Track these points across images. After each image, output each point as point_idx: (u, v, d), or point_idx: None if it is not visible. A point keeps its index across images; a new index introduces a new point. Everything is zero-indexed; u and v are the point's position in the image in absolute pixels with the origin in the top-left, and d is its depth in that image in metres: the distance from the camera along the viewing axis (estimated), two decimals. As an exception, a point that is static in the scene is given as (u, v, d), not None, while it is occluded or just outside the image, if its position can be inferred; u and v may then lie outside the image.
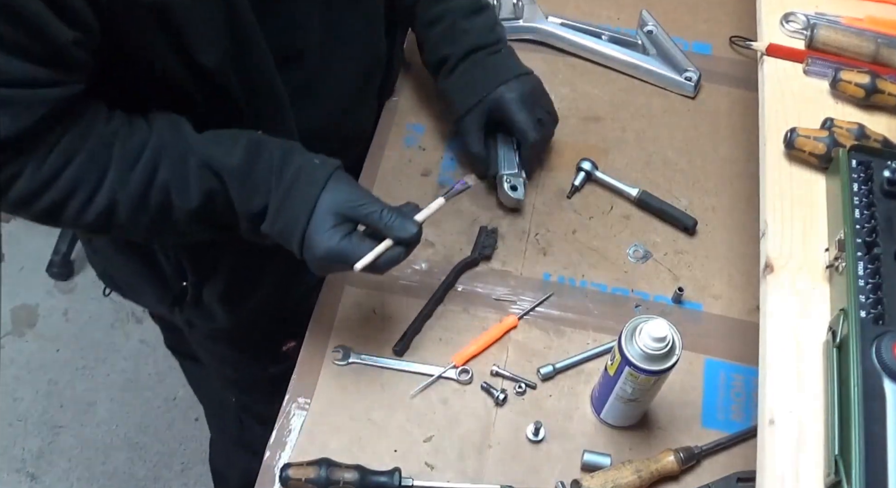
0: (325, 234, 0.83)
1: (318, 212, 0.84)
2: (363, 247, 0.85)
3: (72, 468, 2.03)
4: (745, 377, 1.03)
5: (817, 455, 0.74)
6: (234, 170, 0.83)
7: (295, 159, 0.85)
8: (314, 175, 0.85)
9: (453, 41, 1.12)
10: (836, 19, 1.07)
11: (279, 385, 1.27)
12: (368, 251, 0.85)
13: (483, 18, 1.14)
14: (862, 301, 0.78)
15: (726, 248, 1.14)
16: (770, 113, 0.99)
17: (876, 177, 0.86)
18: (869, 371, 0.74)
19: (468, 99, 1.10)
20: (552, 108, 1.14)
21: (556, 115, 1.15)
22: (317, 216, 0.84)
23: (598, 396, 0.99)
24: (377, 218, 0.85)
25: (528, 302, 1.09)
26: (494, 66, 1.11)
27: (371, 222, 0.85)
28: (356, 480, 0.92)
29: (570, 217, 1.17)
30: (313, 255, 0.85)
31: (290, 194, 0.84)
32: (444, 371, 1.03)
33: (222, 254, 1.04)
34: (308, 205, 0.83)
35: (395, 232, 0.85)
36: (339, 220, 0.84)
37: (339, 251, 0.84)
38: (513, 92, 1.09)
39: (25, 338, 2.21)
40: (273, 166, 0.84)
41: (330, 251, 0.83)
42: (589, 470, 0.96)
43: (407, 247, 0.87)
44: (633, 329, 0.88)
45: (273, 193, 0.84)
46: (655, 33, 1.31)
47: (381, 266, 0.86)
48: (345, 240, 0.84)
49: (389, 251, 0.86)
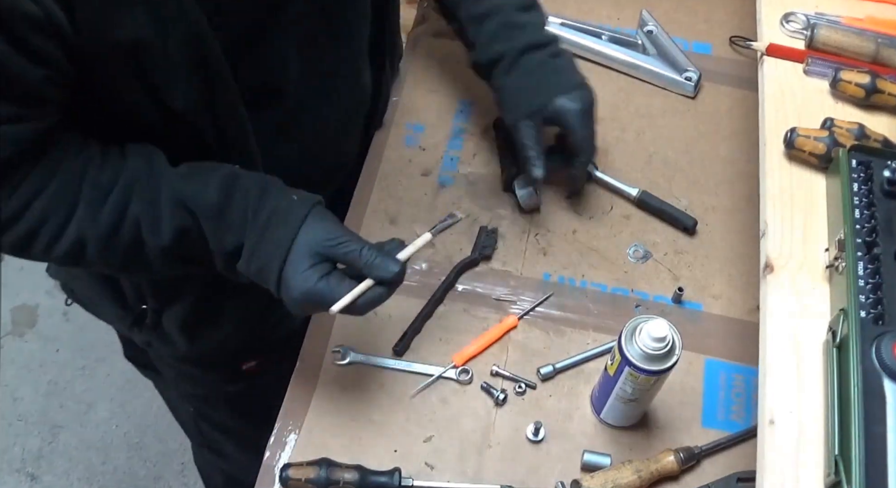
0: (301, 275, 0.80)
1: (295, 252, 0.80)
2: (342, 287, 0.81)
3: (72, 468, 2.03)
4: (745, 377, 1.03)
5: (817, 455, 0.74)
6: (208, 208, 0.80)
7: (271, 197, 0.82)
8: (291, 213, 0.82)
9: (509, 37, 1.06)
10: (836, 19, 1.07)
11: (238, 401, 1.26)
12: (347, 292, 0.81)
13: (535, 15, 1.09)
14: (862, 301, 0.78)
15: (726, 248, 1.14)
16: (770, 113, 0.99)
17: (876, 177, 0.86)
18: (869, 371, 0.74)
19: (528, 103, 1.05)
20: None
21: None
22: (293, 256, 0.80)
23: (598, 396, 0.99)
24: (356, 257, 0.81)
25: (528, 302, 1.09)
26: (556, 70, 1.06)
27: (350, 261, 0.82)
28: (356, 480, 0.92)
29: (570, 217, 1.17)
30: (290, 297, 0.82)
31: (266, 234, 0.81)
32: (444, 371, 1.03)
33: (185, 283, 1.01)
34: (284, 245, 0.80)
35: (376, 271, 0.81)
36: (316, 260, 0.81)
37: (316, 292, 0.80)
38: (576, 103, 1.04)
39: (25, 338, 2.21)
40: (248, 204, 0.81)
41: (307, 293, 0.80)
42: (589, 470, 0.96)
43: (389, 286, 0.83)
44: (633, 329, 0.88)
45: (248, 233, 0.81)
46: (655, 33, 1.31)
47: (361, 307, 0.83)
48: (322, 280, 0.80)
49: (370, 291, 0.82)
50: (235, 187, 0.81)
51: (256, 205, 0.81)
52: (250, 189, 0.82)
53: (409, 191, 1.18)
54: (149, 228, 0.80)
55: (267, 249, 0.81)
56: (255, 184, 0.82)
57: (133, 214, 0.79)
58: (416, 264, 1.11)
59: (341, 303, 0.81)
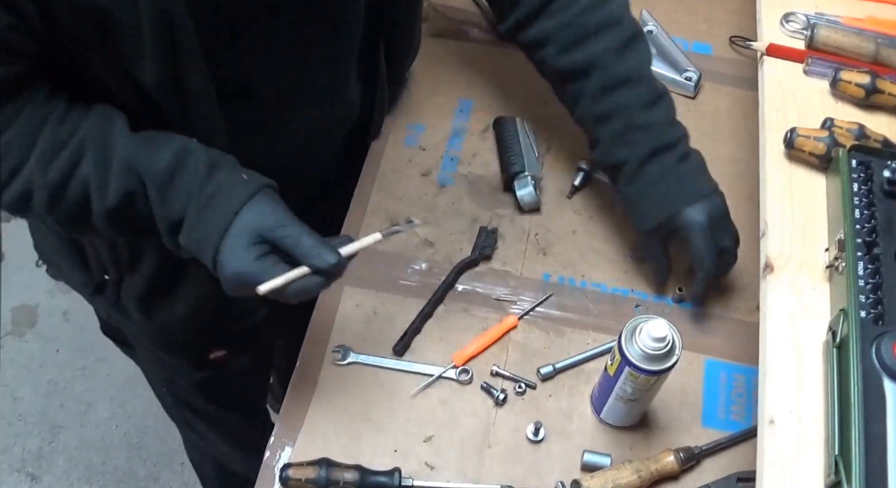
0: (236, 253, 0.79)
1: (234, 229, 0.79)
2: (275, 270, 0.79)
3: (72, 468, 2.03)
4: (745, 377, 1.03)
5: (817, 455, 0.74)
6: (156, 176, 0.79)
7: (221, 173, 0.81)
8: (236, 191, 0.80)
9: (632, 142, 1.01)
10: (836, 19, 1.07)
11: (207, 387, 1.27)
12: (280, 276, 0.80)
13: (663, 109, 1.03)
14: (862, 301, 0.78)
15: (726, 248, 1.14)
16: (770, 113, 0.99)
17: (876, 177, 0.86)
18: (869, 371, 0.74)
19: (654, 215, 1.01)
20: (736, 234, 1.04)
21: (738, 240, 1.04)
22: (232, 233, 0.79)
23: (598, 396, 0.99)
24: (294, 242, 0.79)
25: (528, 302, 1.09)
26: (681, 178, 1.01)
27: (287, 246, 0.80)
28: (356, 480, 0.92)
29: (570, 217, 1.17)
30: (223, 274, 0.80)
31: (208, 209, 0.80)
32: (444, 371, 1.03)
33: (144, 256, 1.01)
34: (223, 221, 0.79)
35: (312, 259, 0.79)
36: (255, 240, 0.79)
37: (248, 272, 0.78)
38: (700, 215, 0.99)
39: (25, 338, 2.21)
40: (196, 178, 0.80)
41: (238, 271, 0.79)
42: (589, 470, 0.96)
43: (326, 277, 0.80)
44: (633, 329, 0.88)
45: (191, 205, 0.80)
46: (655, 33, 1.31)
47: (291, 294, 0.80)
48: (257, 261, 0.79)
49: (304, 280, 0.80)
50: (187, 159, 0.81)
51: (204, 178, 0.80)
52: (201, 162, 0.81)
53: (409, 191, 1.18)
54: (96, 188, 0.79)
55: (207, 224, 0.80)
56: (207, 159, 0.82)
57: (83, 172, 0.79)
58: (416, 264, 1.11)
59: (269, 285, 0.79)
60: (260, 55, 0.88)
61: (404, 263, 1.11)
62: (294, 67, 0.93)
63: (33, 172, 0.78)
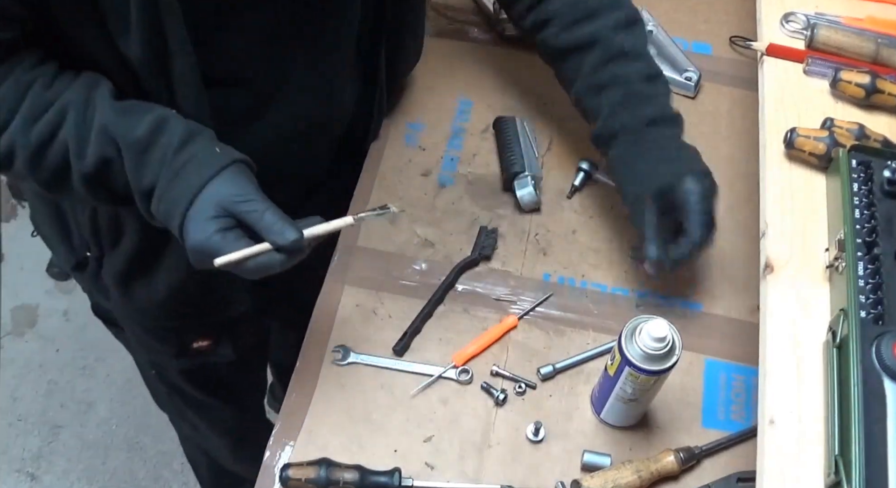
0: (200, 224, 0.79)
1: (200, 200, 0.79)
2: (237, 245, 0.79)
3: (72, 468, 2.03)
4: (745, 377, 1.03)
5: (817, 455, 0.74)
6: (132, 142, 0.80)
7: (196, 144, 0.82)
8: (207, 162, 0.81)
9: (635, 108, 1.01)
10: (836, 19, 1.07)
11: (193, 376, 1.29)
12: None
13: (663, 86, 1.05)
14: (862, 301, 0.78)
15: (726, 248, 1.14)
16: (770, 113, 0.99)
17: (876, 177, 0.86)
18: (869, 371, 0.74)
19: (654, 180, 0.99)
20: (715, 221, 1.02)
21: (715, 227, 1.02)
22: (198, 204, 0.79)
23: (598, 396, 0.99)
24: (257, 217, 0.79)
25: (528, 302, 1.09)
26: (683, 149, 1.02)
27: (250, 220, 0.79)
28: (356, 480, 0.92)
29: (570, 217, 1.17)
30: (187, 244, 0.81)
31: (178, 178, 0.80)
32: (444, 371, 1.03)
33: (125, 234, 1.02)
34: (191, 191, 0.79)
35: (272, 235, 0.79)
36: (218, 213, 0.79)
37: (209, 244, 0.79)
38: (700, 184, 0.98)
39: (25, 338, 2.21)
40: (171, 147, 0.81)
41: (200, 243, 0.79)
42: (589, 470, 0.96)
43: (287, 254, 0.80)
44: (633, 329, 0.88)
45: (163, 174, 0.81)
46: (655, 33, 1.31)
47: (250, 270, 0.80)
48: (219, 234, 0.79)
49: (264, 256, 0.80)
50: (164, 128, 0.81)
51: (178, 148, 0.81)
52: (176, 132, 0.82)
53: (409, 191, 1.18)
54: (75, 152, 0.81)
55: (175, 193, 0.80)
56: (184, 129, 0.82)
57: (63, 136, 0.81)
58: (416, 264, 1.11)
59: (224, 259, 0.79)
60: (246, 44, 0.89)
61: (404, 263, 1.11)
62: (280, 60, 0.93)
63: (17, 132, 0.80)
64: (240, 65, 0.91)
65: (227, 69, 0.90)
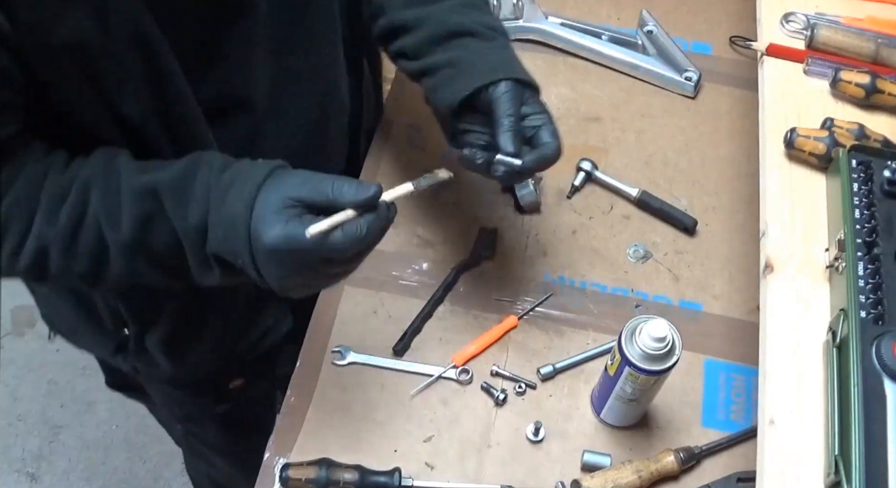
0: (269, 220, 0.71)
1: (262, 202, 0.72)
2: (317, 222, 0.72)
3: (72, 468, 2.03)
4: (745, 377, 1.03)
5: (817, 455, 0.74)
6: (168, 182, 0.75)
7: (236, 163, 0.77)
8: (255, 171, 0.75)
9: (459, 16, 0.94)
10: (836, 19, 1.07)
11: (226, 419, 1.24)
12: None
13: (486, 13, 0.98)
14: (862, 301, 0.78)
15: (726, 248, 1.14)
16: (770, 113, 0.99)
17: (876, 177, 0.86)
18: (869, 371, 0.74)
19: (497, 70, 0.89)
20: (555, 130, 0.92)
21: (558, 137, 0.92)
22: (259, 206, 0.72)
23: (598, 396, 0.99)
24: (329, 188, 0.72)
25: (528, 302, 1.09)
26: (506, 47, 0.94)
27: (323, 196, 0.73)
28: (356, 480, 0.92)
29: (570, 217, 1.17)
30: (263, 250, 0.72)
31: (230, 192, 0.74)
32: (444, 371, 1.03)
33: (163, 303, 0.97)
34: (248, 197, 0.73)
35: (350, 196, 0.72)
36: (286, 203, 0.72)
37: (288, 233, 0.70)
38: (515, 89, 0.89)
39: (25, 338, 2.21)
40: (212, 174, 0.75)
41: (277, 236, 0.70)
42: (589, 470, 0.96)
43: (374, 217, 0.73)
44: (633, 329, 0.88)
45: (213, 197, 0.74)
46: (655, 33, 1.31)
47: (341, 243, 0.71)
48: (294, 221, 0.71)
49: (350, 223, 0.72)
50: (199, 163, 0.76)
51: (220, 171, 0.76)
52: (214, 162, 0.77)
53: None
54: (108, 223, 0.74)
55: (232, 208, 0.73)
56: (220, 158, 0.78)
57: (93, 212, 0.75)
58: (416, 264, 1.11)
59: (318, 226, 0.71)
60: (241, 66, 0.85)
61: (404, 263, 1.11)
62: (279, 70, 0.90)
63: (42, 228, 0.74)
64: (238, 92, 0.87)
65: (227, 99, 0.86)
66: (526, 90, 0.90)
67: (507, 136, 0.87)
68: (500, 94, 0.88)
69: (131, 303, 0.97)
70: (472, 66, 0.90)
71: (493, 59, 0.91)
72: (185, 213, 0.75)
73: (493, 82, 0.88)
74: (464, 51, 0.92)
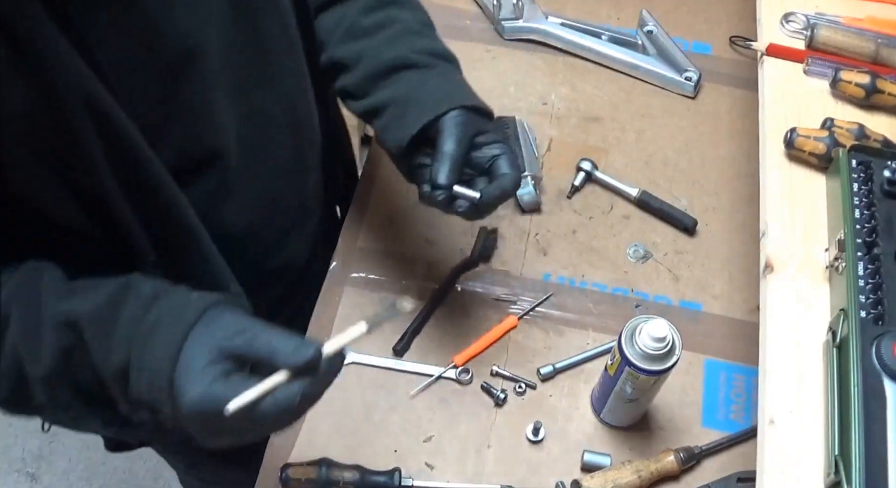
0: (193, 378, 0.62)
1: (187, 352, 0.63)
2: (246, 385, 0.62)
3: (72, 468, 2.03)
4: (745, 377, 1.03)
5: (817, 455, 0.74)
6: (90, 316, 0.66)
7: (163, 300, 0.67)
8: (184, 311, 0.65)
9: (396, 48, 0.89)
10: (836, 19, 1.07)
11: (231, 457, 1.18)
12: None
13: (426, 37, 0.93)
14: (862, 301, 0.78)
15: (726, 248, 1.14)
16: (770, 113, 0.99)
17: (876, 177, 0.86)
18: (869, 371, 0.74)
19: (442, 101, 0.85)
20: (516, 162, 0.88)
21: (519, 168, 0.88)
22: (184, 358, 0.63)
23: (598, 396, 0.99)
24: (264, 345, 0.63)
25: (528, 302, 1.09)
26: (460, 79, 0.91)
27: (255, 352, 0.63)
28: (356, 480, 0.92)
29: (570, 217, 1.17)
30: (184, 408, 0.62)
31: (155, 336, 0.65)
32: (444, 371, 1.03)
33: None
34: (175, 344, 0.63)
35: (285, 358, 0.62)
36: (214, 358, 0.63)
37: (209, 396, 0.61)
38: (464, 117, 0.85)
39: (25, 337, 2.21)
40: (139, 306, 0.66)
41: (197, 399, 0.61)
42: (589, 470, 0.96)
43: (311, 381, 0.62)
44: (633, 329, 0.88)
45: (135, 338, 0.65)
46: (655, 33, 1.31)
47: (270, 412, 0.61)
48: (218, 382, 0.61)
49: (282, 389, 0.62)
50: (126, 293, 0.68)
51: (146, 307, 0.67)
52: (143, 292, 0.68)
53: (410, 191, 1.17)
54: (27, 353, 0.67)
55: (155, 355, 0.64)
56: (149, 290, 0.69)
57: (11, 341, 0.67)
58: (416, 264, 1.11)
59: (238, 401, 0.61)
60: (205, 117, 0.78)
61: (404, 263, 1.11)
62: (245, 118, 0.83)
63: None
64: (206, 138, 0.80)
65: (195, 150, 0.79)
66: (479, 117, 0.87)
67: (438, 167, 0.82)
68: (446, 125, 0.84)
69: None
70: (417, 101, 0.86)
71: (437, 90, 0.87)
72: (107, 354, 0.66)
73: (440, 115, 0.84)
74: (405, 85, 0.88)
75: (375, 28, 0.92)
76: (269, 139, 0.89)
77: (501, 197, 0.85)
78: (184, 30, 0.72)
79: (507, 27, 1.32)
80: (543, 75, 1.31)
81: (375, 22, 0.92)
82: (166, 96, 0.73)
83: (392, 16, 0.92)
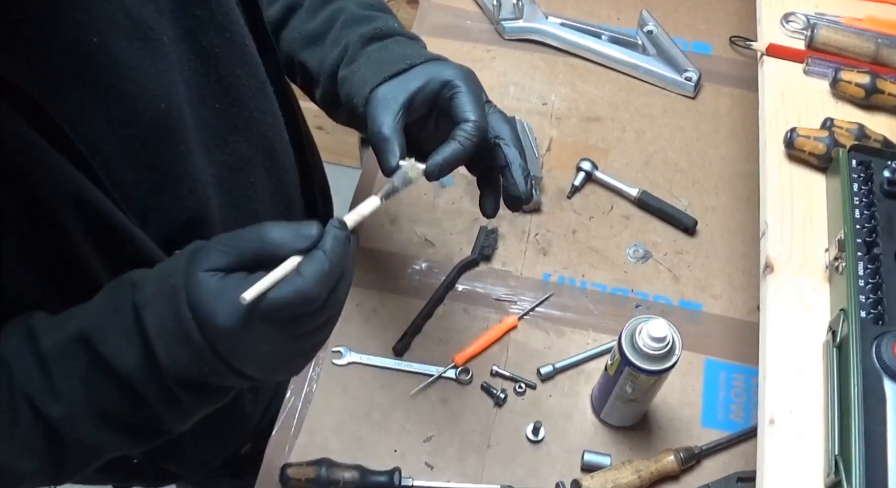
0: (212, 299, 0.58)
1: (192, 288, 0.59)
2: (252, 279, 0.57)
3: (72, 468, 2.02)
4: (745, 377, 1.03)
5: (817, 455, 0.74)
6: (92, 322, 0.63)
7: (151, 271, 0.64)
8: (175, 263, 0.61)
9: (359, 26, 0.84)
10: (836, 19, 1.07)
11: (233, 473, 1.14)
12: None
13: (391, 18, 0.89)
14: (862, 301, 0.78)
15: (726, 248, 1.14)
16: (770, 113, 0.99)
17: (876, 177, 0.86)
18: (869, 371, 0.74)
19: (392, 66, 0.77)
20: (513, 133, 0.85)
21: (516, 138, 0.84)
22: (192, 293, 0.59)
23: (598, 396, 0.99)
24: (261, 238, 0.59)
25: (528, 302, 1.09)
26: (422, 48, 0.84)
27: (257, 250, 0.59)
28: (356, 480, 0.92)
29: (570, 217, 1.17)
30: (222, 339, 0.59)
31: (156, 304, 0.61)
32: (444, 371, 1.03)
33: None
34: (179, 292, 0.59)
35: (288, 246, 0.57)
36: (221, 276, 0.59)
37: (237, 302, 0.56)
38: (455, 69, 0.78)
39: (25, 337, 2.21)
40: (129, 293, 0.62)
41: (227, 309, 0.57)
42: (589, 470, 0.96)
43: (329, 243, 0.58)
44: (633, 329, 0.88)
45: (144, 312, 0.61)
46: (655, 33, 1.31)
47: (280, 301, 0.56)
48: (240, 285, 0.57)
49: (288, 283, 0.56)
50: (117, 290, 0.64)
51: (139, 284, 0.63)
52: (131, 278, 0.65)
53: (410, 191, 1.17)
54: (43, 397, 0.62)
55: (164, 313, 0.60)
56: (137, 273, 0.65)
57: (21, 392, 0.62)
58: (416, 264, 1.11)
59: (254, 289, 0.56)
60: (197, 180, 0.75)
61: (404, 263, 1.11)
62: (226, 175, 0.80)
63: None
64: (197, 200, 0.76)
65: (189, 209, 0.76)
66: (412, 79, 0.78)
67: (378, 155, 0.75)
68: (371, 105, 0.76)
69: None
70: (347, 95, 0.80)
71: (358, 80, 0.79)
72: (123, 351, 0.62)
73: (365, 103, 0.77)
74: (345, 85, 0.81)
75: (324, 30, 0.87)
76: (250, 185, 0.85)
77: (456, 158, 0.72)
78: (156, 92, 0.69)
79: (507, 27, 1.33)
80: (543, 75, 1.31)
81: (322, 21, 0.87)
82: (150, 166, 0.70)
83: (336, 9, 0.87)
